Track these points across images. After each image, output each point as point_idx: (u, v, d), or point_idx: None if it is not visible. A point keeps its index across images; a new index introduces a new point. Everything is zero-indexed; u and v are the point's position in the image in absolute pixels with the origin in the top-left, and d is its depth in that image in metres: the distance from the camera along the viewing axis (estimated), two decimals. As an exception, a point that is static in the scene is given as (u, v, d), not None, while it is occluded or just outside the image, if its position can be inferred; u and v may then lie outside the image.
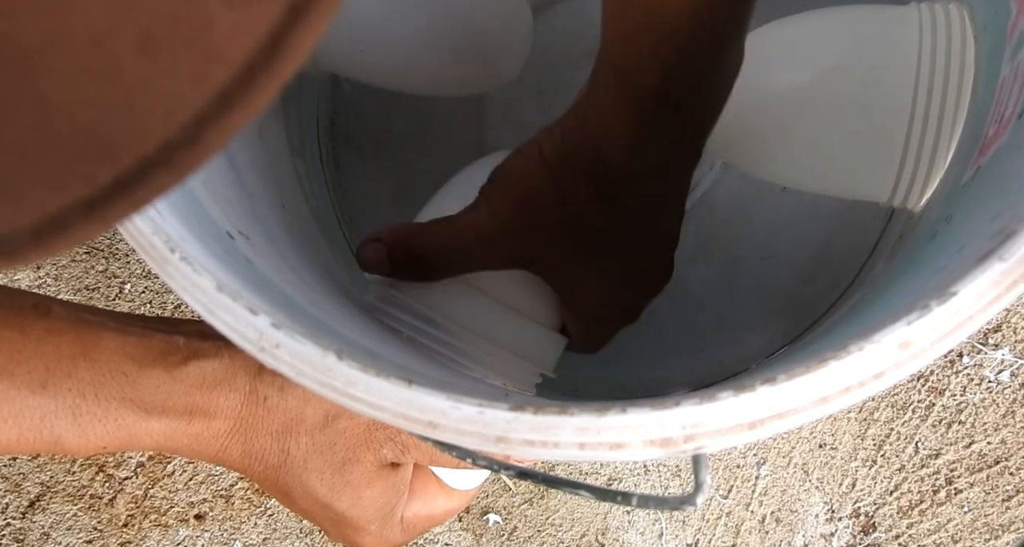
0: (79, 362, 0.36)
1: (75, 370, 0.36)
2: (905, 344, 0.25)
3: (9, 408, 0.35)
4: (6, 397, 0.35)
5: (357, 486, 0.39)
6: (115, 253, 0.70)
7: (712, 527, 0.68)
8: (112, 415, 0.36)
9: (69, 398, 0.36)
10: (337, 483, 0.39)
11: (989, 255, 0.25)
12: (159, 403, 0.36)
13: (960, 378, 0.68)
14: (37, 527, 0.68)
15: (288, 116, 0.51)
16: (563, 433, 0.26)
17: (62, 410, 0.36)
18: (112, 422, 0.36)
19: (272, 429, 0.38)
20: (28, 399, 0.35)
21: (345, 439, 0.39)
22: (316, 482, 0.39)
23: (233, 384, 0.37)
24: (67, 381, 0.36)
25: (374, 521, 0.40)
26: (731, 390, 0.25)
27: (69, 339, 0.36)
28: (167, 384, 0.37)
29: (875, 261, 0.52)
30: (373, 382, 0.26)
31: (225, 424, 0.38)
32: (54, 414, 0.35)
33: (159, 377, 0.37)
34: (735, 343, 0.54)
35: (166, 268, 0.27)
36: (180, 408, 0.37)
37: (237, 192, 0.38)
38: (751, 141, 0.44)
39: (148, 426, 0.37)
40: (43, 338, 0.36)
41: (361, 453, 0.39)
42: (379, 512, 0.40)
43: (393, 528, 0.41)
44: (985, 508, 0.67)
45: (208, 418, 0.37)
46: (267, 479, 0.39)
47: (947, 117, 0.39)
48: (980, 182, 0.35)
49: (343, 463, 0.39)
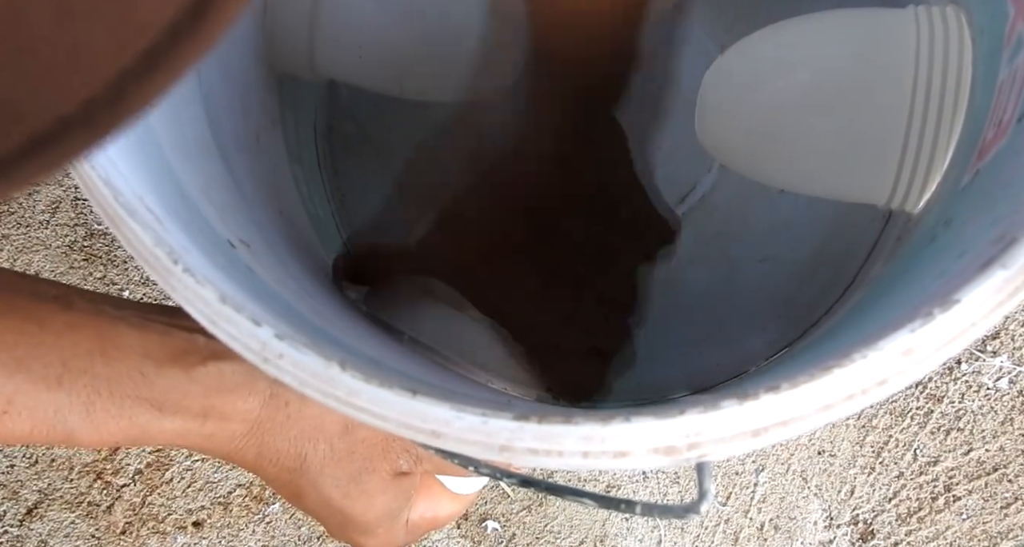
0: (96, 359, 0.36)
1: (91, 366, 0.36)
2: (908, 351, 0.25)
3: (24, 401, 0.35)
4: (21, 390, 0.35)
5: (371, 494, 0.40)
6: (113, 260, 0.70)
7: (711, 534, 0.68)
8: (126, 413, 0.36)
9: (84, 394, 0.36)
10: (352, 491, 0.40)
11: (991, 262, 0.25)
12: (174, 402, 0.37)
13: (958, 385, 0.68)
14: (35, 535, 0.68)
15: (286, 122, 0.51)
16: (567, 442, 0.26)
17: (76, 405, 0.36)
18: (126, 419, 0.36)
19: (290, 434, 0.38)
20: (43, 394, 0.35)
21: (363, 448, 0.39)
22: (331, 488, 0.39)
23: (252, 387, 0.37)
24: (83, 377, 0.36)
25: (382, 524, 0.41)
26: (735, 398, 0.25)
27: (88, 334, 0.36)
28: (184, 384, 0.37)
29: (873, 263, 0.52)
30: (376, 392, 0.26)
31: (241, 427, 0.38)
32: (68, 409, 0.36)
33: (176, 376, 0.37)
34: (733, 345, 0.54)
35: (169, 280, 0.27)
36: (195, 408, 0.37)
37: (236, 199, 0.38)
38: (748, 144, 0.44)
39: (161, 425, 0.37)
40: (62, 332, 0.36)
41: (378, 463, 0.40)
42: (388, 516, 0.41)
43: (398, 530, 0.42)
44: (984, 515, 0.67)
45: (223, 420, 0.37)
46: (279, 480, 0.40)
47: (945, 120, 0.39)
48: (979, 185, 0.35)
49: (359, 471, 0.39)
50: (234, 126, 0.42)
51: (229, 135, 0.40)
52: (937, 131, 0.39)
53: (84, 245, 0.70)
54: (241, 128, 0.43)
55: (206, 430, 0.37)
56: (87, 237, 0.70)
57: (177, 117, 0.36)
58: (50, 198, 0.70)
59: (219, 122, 0.40)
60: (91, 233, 0.70)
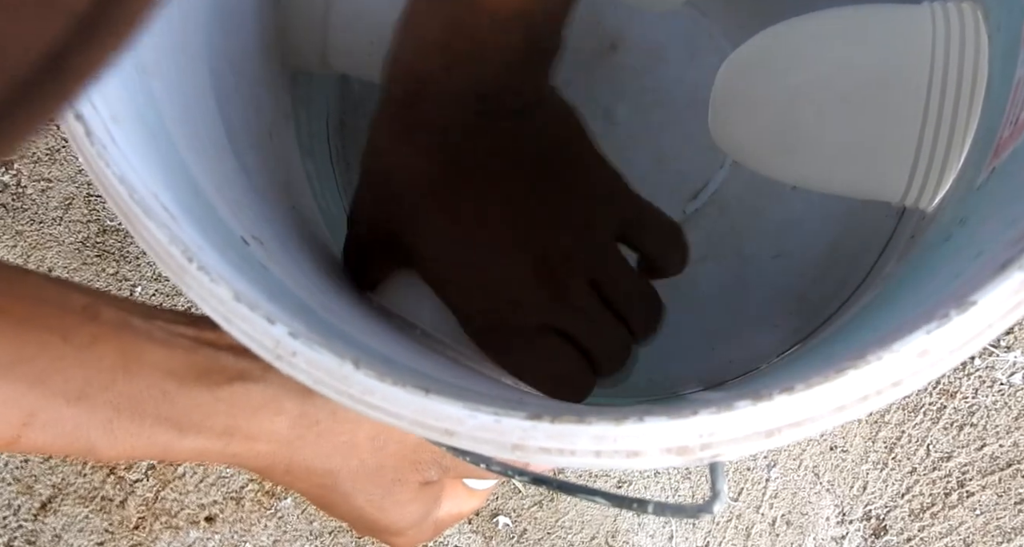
0: (118, 376, 0.35)
1: (114, 383, 0.35)
2: (924, 353, 0.25)
3: (45, 416, 0.35)
4: (42, 404, 0.34)
5: (403, 504, 0.40)
6: (126, 256, 0.70)
7: (722, 530, 0.68)
8: (147, 432, 0.36)
9: (104, 411, 0.35)
10: (385, 503, 0.40)
11: (1009, 264, 0.25)
12: (197, 422, 0.36)
13: (972, 380, 0.67)
14: (49, 529, 0.69)
15: (298, 117, 0.51)
16: (580, 441, 0.26)
17: (96, 422, 0.35)
18: (145, 437, 0.36)
19: (321, 452, 0.38)
20: (63, 408, 0.35)
21: (394, 462, 0.39)
22: (363, 502, 0.40)
23: (280, 407, 0.37)
24: (105, 394, 0.35)
25: (411, 527, 0.41)
26: (749, 399, 0.25)
27: (111, 349, 0.35)
28: (209, 403, 0.36)
29: (886, 261, 0.51)
30: (390, 391, 0.26)
31: (268, 447, 0.37)
32: (88, 425, 0.35)
33: (200, 396, 0.36)
34: (745, 342, 0.53)
35: (183, 277, 0.27)
36: (219, 428, 0.36)
37: (249, 196, 0.38)
38: (761, 140, 0.44)
39: (183, 444, 0.36)
40: (85, 346, 0.35)
41: (408, 474, 0.40)
42: (417, 520, 0.41)
43: (426, 529, 0.42)
44: (997, 511, 0.67)
45: (248, 440, 0.37)
46: (309, 493, 0.40)
47: (960, 117, 0.39)
48: (995, 184, 0.35)
49: (391, 484, 0.39)
50: (246, 122, 0.42)
51: (242, 132, 0.40)
52: (952, 129, 0.39)
53: (97, 241, 0.70)
54: (254, 124, 0.43)
55: (230, 450, 0.37)
56: (100, 233, 0.70)
57: (190, 114, 0.36)
58: (63, 194, 0.70)
59: (231, 119, 0.40)
60: (104, 229, 0.70)
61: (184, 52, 0.37)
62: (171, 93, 0.34)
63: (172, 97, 0.34)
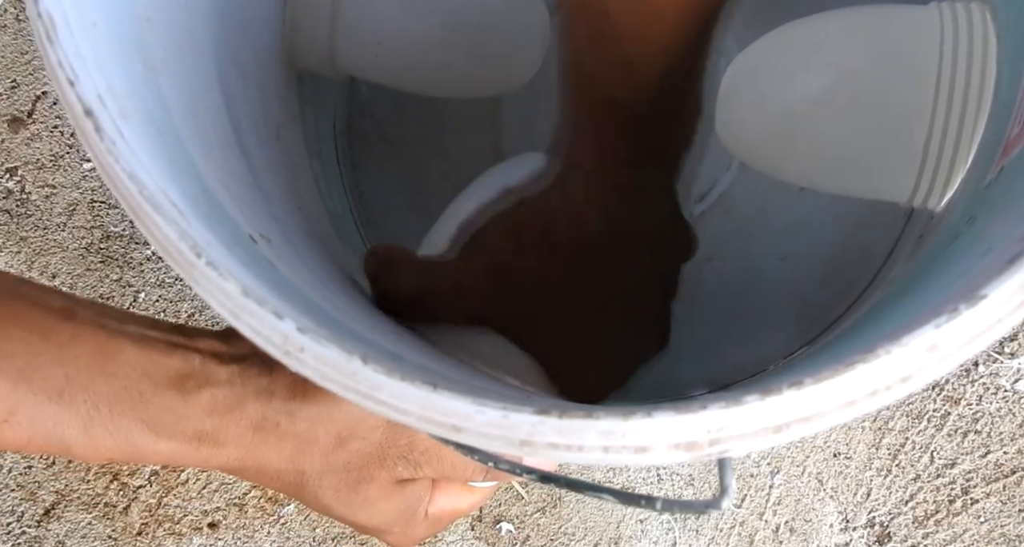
0: (96, 375, 0.36)
1: (92, 383, 0.36)
2: (933, 347, 0.25)
3: (24, 413, 0.35)
4: (22, 402, 0.35)
5: (374, 501, 0.40)
6: (129, 262, 0.70)
7: (726, 537, 0.68)
8: (123, 431, 0.36)
9: (83, 410, 0.36)
10: (353, 501, 0.40)
11: (1018, 258, 0.25)
12: (169, 425, 0.37)
13: (976, 387, 0.67)
14: (52, 535, 0.68)
15: (305, 118, 0.51)
16: (588, 436, 0.26)
17: (74, 420, 0.36)
18: (122, 438, 0.36)
19: (285, 452, 0.39)
20: (44, 406, 0.35)
21: (358, 459, 0.39)
22: (332, 499, 0.40)
23: (243, 412, 0.38)
24: (83, 393, 0.36)
25: (396, 525, 0.41)
26: (757, 394, 0.25)
27: (90, 349, 0.36)
28: (180, 408, 0.37)
29: (894, 262, 0.51)
30: (398, 386, 0.26)
31: (236, 451, 0.38)
32: (66, 423, 0.36)
33: (172, 400, 0.37)
34: (752, 343, 0.53)
35: (192, 273, 0.27)
36: (189, 433, 0.37)
37: (256, 194, 0.38)
38: (768, 141, 0.44)
39: (156, 447, 0.37)
40: (64, 345, 0.36)
41: (374, 471, 0.40)
42: (400, 518, 0.41)
43: (417, 526, 0.42)
44: (1002, 518, 0.67)
45: (217, 445, 0.38)
46: (286, 492, 0.40)
47: (969, 117, 0.39)
48: (1004, 183, 0.35)
49: (357, 481, 0.40)
50: (254, 122, 0.42)
51: (249, 131, 0.40)
52: (960, 128, 0.39)
53: (100, 247, 0.70)
54: (261, 125, 0.43)
55: (201, 455, 0.38)
56: (103, 239, 0.70)
57: (197, 113, 0.36)
58: (67, 201, 0.70)
59: (239, 118, 0.40)
60: (107, 235, 0.70)
61: (192, 51, 0.37)
62: (179, 91, 0.34)
63: (180, 95, 0.34)
